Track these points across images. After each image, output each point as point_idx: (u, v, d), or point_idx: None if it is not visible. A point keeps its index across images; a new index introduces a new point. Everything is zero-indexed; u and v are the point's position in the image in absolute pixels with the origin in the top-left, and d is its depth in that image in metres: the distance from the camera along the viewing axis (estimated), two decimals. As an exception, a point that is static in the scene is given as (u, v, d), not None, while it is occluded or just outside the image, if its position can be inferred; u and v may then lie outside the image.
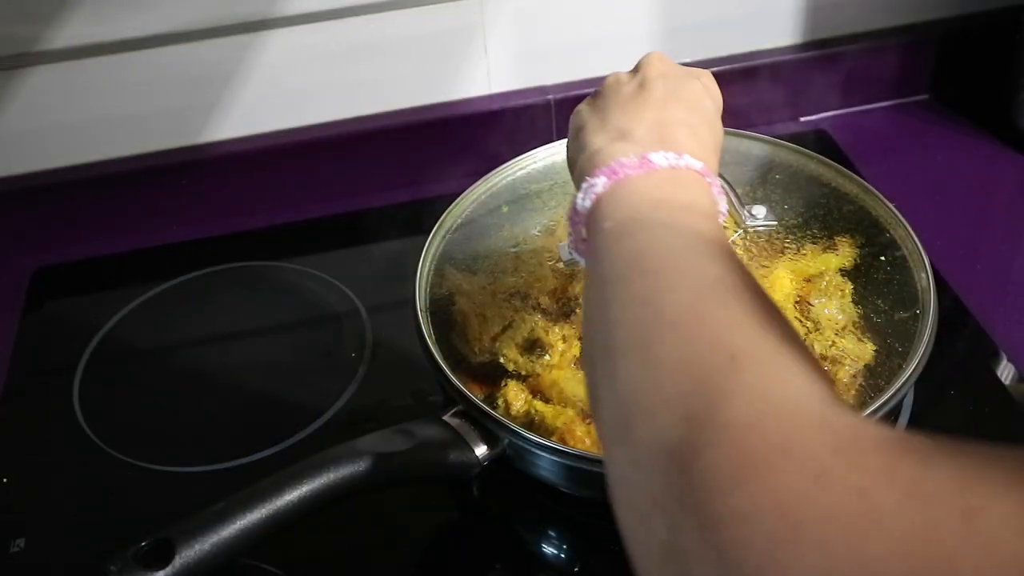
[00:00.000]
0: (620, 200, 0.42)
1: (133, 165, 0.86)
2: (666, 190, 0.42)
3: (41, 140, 0.84)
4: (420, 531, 0.63)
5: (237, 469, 0.66)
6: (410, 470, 0.53)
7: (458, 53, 0.88)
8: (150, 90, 0.83)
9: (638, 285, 0.36)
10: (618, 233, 0.40)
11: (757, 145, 0.74)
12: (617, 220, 0.41)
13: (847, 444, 0.25)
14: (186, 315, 0.80)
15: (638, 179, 0.42)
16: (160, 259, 0.86)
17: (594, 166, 0.44)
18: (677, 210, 0.40)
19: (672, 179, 0.42)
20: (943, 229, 0.81)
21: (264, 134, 0.88)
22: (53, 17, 0.78)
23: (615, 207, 0.41)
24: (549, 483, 0.58)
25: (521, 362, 0.62)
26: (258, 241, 0.87)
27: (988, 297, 0.75)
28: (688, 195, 0.42)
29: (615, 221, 0.41)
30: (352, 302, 0.79)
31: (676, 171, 0.43)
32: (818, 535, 0.23)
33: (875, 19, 0.95)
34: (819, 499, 0.24)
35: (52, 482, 0.67)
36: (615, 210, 0.41)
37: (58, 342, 0.79)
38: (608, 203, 0.42)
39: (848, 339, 0.61)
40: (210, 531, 0.46)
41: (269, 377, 0.73)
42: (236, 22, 0.81)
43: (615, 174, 0.42)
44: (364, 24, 0.84)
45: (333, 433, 0.68)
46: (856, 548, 0.22)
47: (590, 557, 0.61)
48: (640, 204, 0.41)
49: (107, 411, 0.72)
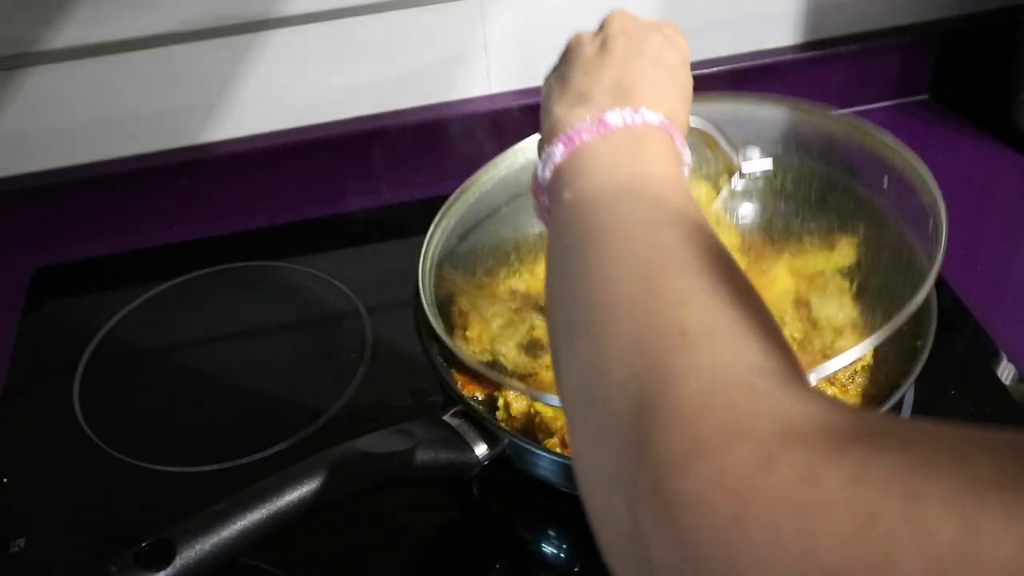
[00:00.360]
0: (578, 167, 0.41)
1: (133, 165, 0.86)
2: (625, 152, 0.41)
3: (41, 140, 0.84)
4: (420, 531, 0.63)
5: (237, 469, 0.66)
6: (410, 470, 0.53)
7: (458, 53, 0.88)
8: (150, 90, 0.83)
9: (593, 259, 0.36)
10: (575, 203, 0.39)
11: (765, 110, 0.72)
12: (575, 190, 0.40)
13: (796, 427, 0.25)
14: (186, 315, 0.80)
15: (595, 143, 0.41)
16: (160, 259, 0.86)
17: (553, 135, 0.43)
18: (637, 174, 0.40)
19: (631, 138, 0.42)
20: (943, 229, 0.81)
21: (264, 134, 0.88)
22: (53, 17, 0.78)
23: (573, 176, 0.41)
24: (549, 483, 0.58)
25: (521, 362, 0.62)
26: (258, 241, 0.87)
27: (988, 297, 0.75)
28: (648, 154, 0.41)
29: (573, 191, 0.40)
30: (352, 302, 0.79)
31: (634, 129, 0.42)
32: (767, 520, 0.23)
33: (875, 19, 0.95)
34: (767, 484, 0.24)
35: (52, 482, 0.67)
36: (573, 179, 0.41)
37: (58, 342, 0.79)
38: (567, 171, 0.41)
39: (848, 339, 0.60)
40: (210, 531, 0.46)
41: (269, 377, 0.73)
42: (236, 22, 0.81)
43: (571, 141, 0.42)
44: (364, 24, 0.84)
45: (333, 433, 0.68)
46: (804, 533, 0.22)
47: (590, 557, 0.61)
48: (597, 170, 0.40)
49: (107, 411, 0.72)
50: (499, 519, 0.64)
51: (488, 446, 0.56)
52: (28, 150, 0.84)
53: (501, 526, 0.64)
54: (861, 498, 0.22)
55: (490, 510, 0.64)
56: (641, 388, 0.29)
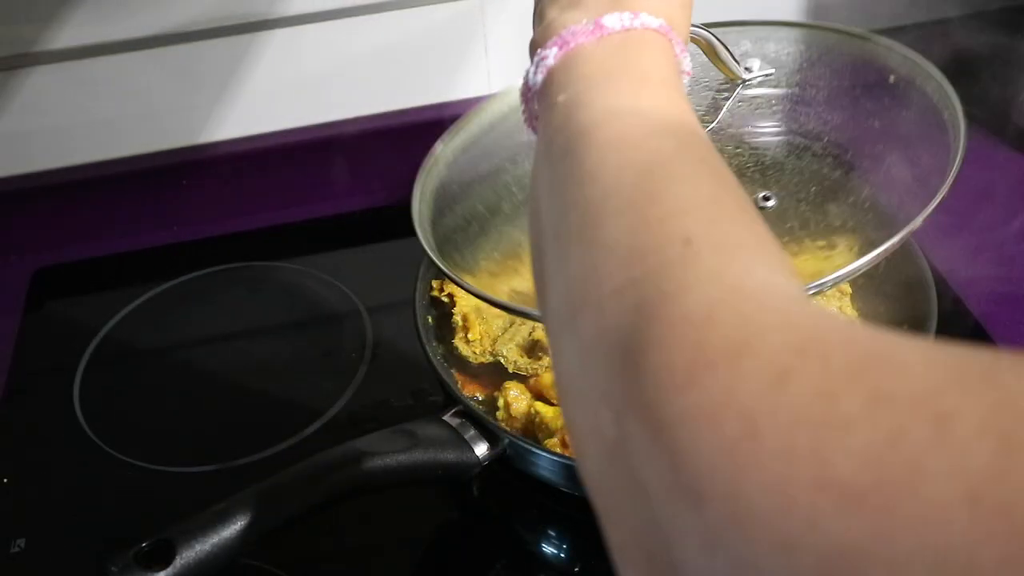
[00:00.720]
0: (572, 71, 0.39)
1: (133, 165, 0.86)
2: (622, 56, 0.39)
3: (41, 140, 0.84)
4: (420, 531, 0.63)
5: (237, 469, 0.66)
6: (410, 470, 0.53)
7: (458, 53, 0.88)
8: (150, 90, 0.83)
9: (588, 162, 0.34)
10: (570, 107, 0.37)
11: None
12: (570, 93, 0.38)
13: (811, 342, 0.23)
14: (186, 315, 0.80)
15: (591, 46, 0.39)
16: (160, 259, 0.86)
17: (546, 37, 0.41)
18: (634, 79, 0.38)
19: (628, 42, 0.39)
20: (943, 229, 0.81)
21: (264, 134, 0.88)
22: (53, 17, 0.78)
23: (567, 79, 0.39)
24: (549, 483, 0.59)
25: (521, 363, 0.62)
26: (258, 241, 0.87)
27: (988, 297, 0.75)
28: (647, 59, 0.39)
29: (568, 94, 0.38)
30: (352, 302, 0.79)
31: (631, 33, 0.40)
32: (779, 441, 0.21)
33: (875, 19, 0.95)
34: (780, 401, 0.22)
35: (52, 482, 0.67)
36: (567, 82, 0.38)
37: (58, 342, 0.79)
38: (560, 75, 0.39)
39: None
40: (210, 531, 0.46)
41: (269, 377, 0.73)
42: (236, 22, 0.81)
43: (566, 43, 0.39)
44: (364, 24, 0.84)
45: (333, 433, 0.68)
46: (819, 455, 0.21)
47: (590, 557, 0.61)
48: (594, 74, 0.38)
49: (107, 411, 0.72)
50: (499, 519, 0.64)
51: (488, 446, 0.56)
52: (28, 150, 0.84)
53: (501, 526, 0.64)
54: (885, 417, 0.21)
55: (490, 510, 0.64)
56: (640, 296, 0.27)
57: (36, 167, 0.85)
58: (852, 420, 0.21)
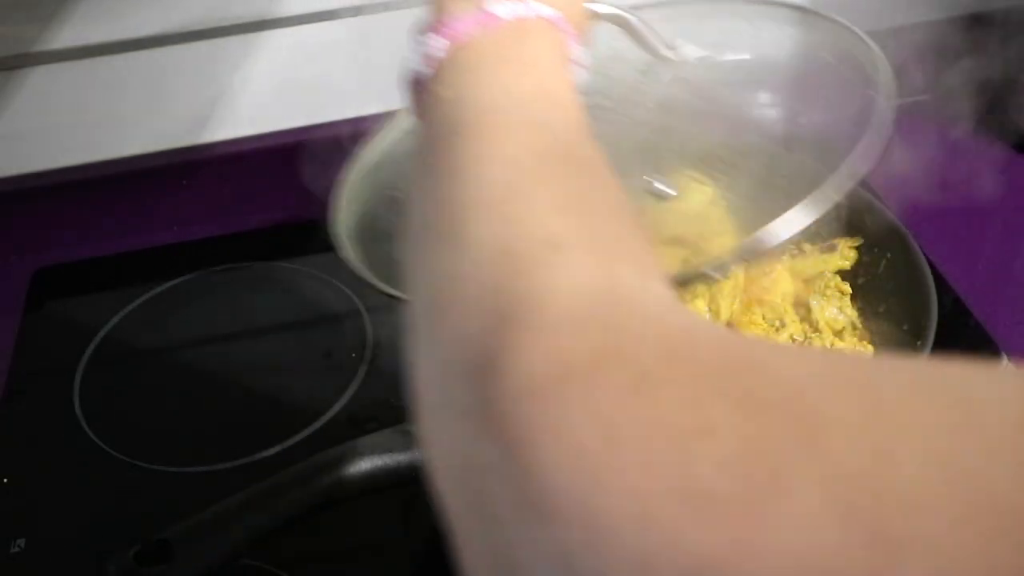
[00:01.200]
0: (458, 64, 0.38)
1: (132, 165, 0.86)
2: (511, 48, 0.38)
3: (41, 140, 0.84)
4: (420, 531, 0.63)
5: (237, 469, 0.66)
6: (410, 470, 0.54)
7: (458, 53, 0.88)
8: (150, 90, 0.83)
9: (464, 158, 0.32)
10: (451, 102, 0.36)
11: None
12: (453, 87, 0.37)
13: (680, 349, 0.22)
14: (186, 315, 0.80)
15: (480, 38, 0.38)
16: (160, 259, 0.86)
17: (434, 25, 0.40)
18: (519, 72, 0.36)
19: (518, 32, 0.38)
20: (943, 229, 0.81)
21: (264, 134, 0.88)
22: (53, 17, 0.78)
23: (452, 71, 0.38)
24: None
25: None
26: (258, 241, 0.87)
27: (988, 297, 0.75)
28: (534, 49, 0.38)
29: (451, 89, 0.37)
30: (352, 302, 0.79)
31: (523, 23, 0.38)
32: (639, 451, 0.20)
33: (875, 19, 0.95)
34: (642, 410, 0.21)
35: (52, 482, 0.67)
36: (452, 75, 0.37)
37: (58, 342, 0.79)
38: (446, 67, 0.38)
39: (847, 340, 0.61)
40: (210, 531, 0.46)
41: (269, 377, 0.73)
42: (235, 22, 0.81)
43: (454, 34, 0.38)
44: (364, 24, 0.84)
45: (333, 433, 0.68)
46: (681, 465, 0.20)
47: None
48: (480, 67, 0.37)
49: (107, 411, 0.72)
50: (499, 519, 0.64)
51: (488, 446, 0.55)
52: (28, 150, 0.84)
53: (501, 526, 0.63)
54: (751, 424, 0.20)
55: (490, 510, 0.64)
56: (499, 300, 0.25)
57: (36, 167, 0.85)
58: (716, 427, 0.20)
